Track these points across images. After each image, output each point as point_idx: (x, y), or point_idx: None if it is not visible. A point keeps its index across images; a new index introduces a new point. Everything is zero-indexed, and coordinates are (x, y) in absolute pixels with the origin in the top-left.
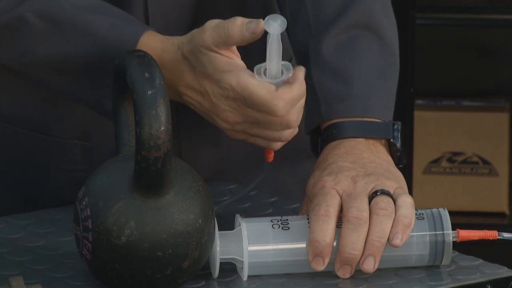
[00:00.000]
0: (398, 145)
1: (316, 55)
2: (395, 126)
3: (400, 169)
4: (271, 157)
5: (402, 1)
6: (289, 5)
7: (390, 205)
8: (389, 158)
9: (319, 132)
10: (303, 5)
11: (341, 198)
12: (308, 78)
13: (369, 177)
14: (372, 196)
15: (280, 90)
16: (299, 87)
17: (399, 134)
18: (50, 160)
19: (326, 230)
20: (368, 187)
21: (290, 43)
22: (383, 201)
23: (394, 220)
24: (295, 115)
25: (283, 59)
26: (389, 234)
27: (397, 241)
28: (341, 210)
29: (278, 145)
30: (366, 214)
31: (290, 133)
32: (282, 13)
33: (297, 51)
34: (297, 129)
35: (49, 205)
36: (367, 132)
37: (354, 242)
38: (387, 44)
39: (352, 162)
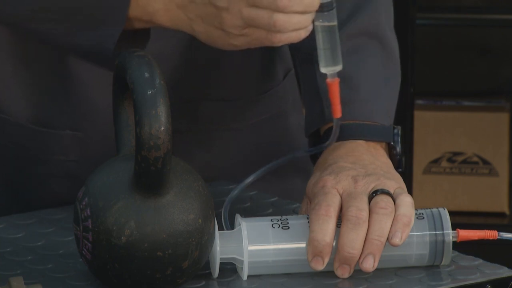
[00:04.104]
0: (398, 149)
1: None
2: (395, 131)
3: (399, 171)
4: (338, 110)
5: (402, 1)
6: None
7: (390, 204)
8: (389, 161)
9: (319, 135)
10: None
11: (341, 197)
12: (312, 81)
13: (370, 177)
14: (372, 195)
15: None
16: None
17: (399, 138)
18: (41, 150)
19: (326, 230)
20: (368, 186)
21: (295, 47)
22: (382, 200)
23: (393, 219)
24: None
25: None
26: (389, 233)
27: (397, 239)
28: (341, 209)
29: (277, 38)
30: (365, 213)
31: (281, 20)
32: None
33: (302, 55)
34: (301, 32)
35: (39, 196)
36: (368, 135)
37: (353, 241)
38: (390, 54)
39: (353, 163)
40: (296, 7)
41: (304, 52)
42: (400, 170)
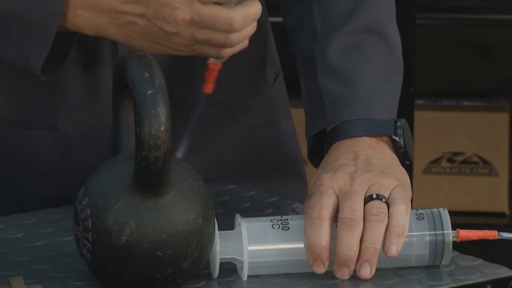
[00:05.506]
0: (401, 141)
1: (322, 59)
2: (398, 123)
3: (406, 163)
4: (209, 87)
5: (402, 1)
6: (295, 10)
7: (382, 210)
8: (393, 154)
9: (324, 137)
10: (310, 10)
11: (338, 196)
12: (314, 82)
13: (368, 174)
14: (368, 199)
15: None
16: None
17: (402, 130)
18: (19, 151)
19: (320, 234)
20: (365, 185)
21: (294, 48)
22: (374, 207)
23: (387, 230)
24: (240, 16)
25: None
26: (384, 245)
27: (392, 252)
28: (338, 209)
29: (227, 52)
30: (359, 214)
31: (236, 38)
32: (288, 19)
33: (302, 55)
34: (246, 40)
35: (20, 197)
36: (369, 130)
37: (349, 242)
38: (393, 49)
39: (353, 159)
40: (248, 22)
41: (304, 52)
42: (407, 162)
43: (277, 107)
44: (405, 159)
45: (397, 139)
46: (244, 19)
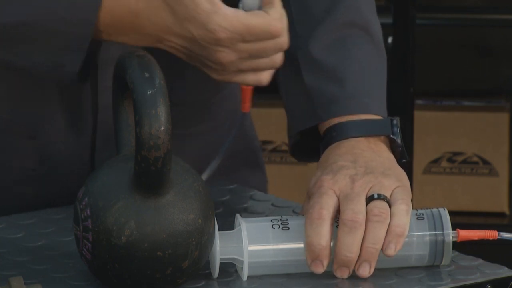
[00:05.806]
0: (399, 140)
1: (306, 57)
2: (394, 122)
3: (404, 161)
4: (246, 107)
5: (402, 1)
6: None
7: (384, 210)
8: (391, 155)
9: (318, 135)
10: (287, 3)
11: (338, 198)
12: (297, 79)
13: (368, 176)
14: (369, 199)
15: (270, 12)
16: (279, 3)
17: (398, 129)
18: (1, 155)
19: (320, 233)
20: (366, 187)
21: None
22: (376, 207)
23: (388, 229)
24: (286, 37)
25: None
26: (383, 244)
27: (391, 251)
28: (338, 210)
29: (268, 77)
30: (361, 216)
31: (281, 56)
32: None
33: (285, 54)
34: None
35: (8, 201)
36: (367, 130)
37: (349, 244)
38: (376, 41)
39: (353, 162)
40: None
41: (287, 51)
42: (404, 160)
43: (237, 99)
44: (403, 157)
45: (394, 138)
46: (286, 34)
